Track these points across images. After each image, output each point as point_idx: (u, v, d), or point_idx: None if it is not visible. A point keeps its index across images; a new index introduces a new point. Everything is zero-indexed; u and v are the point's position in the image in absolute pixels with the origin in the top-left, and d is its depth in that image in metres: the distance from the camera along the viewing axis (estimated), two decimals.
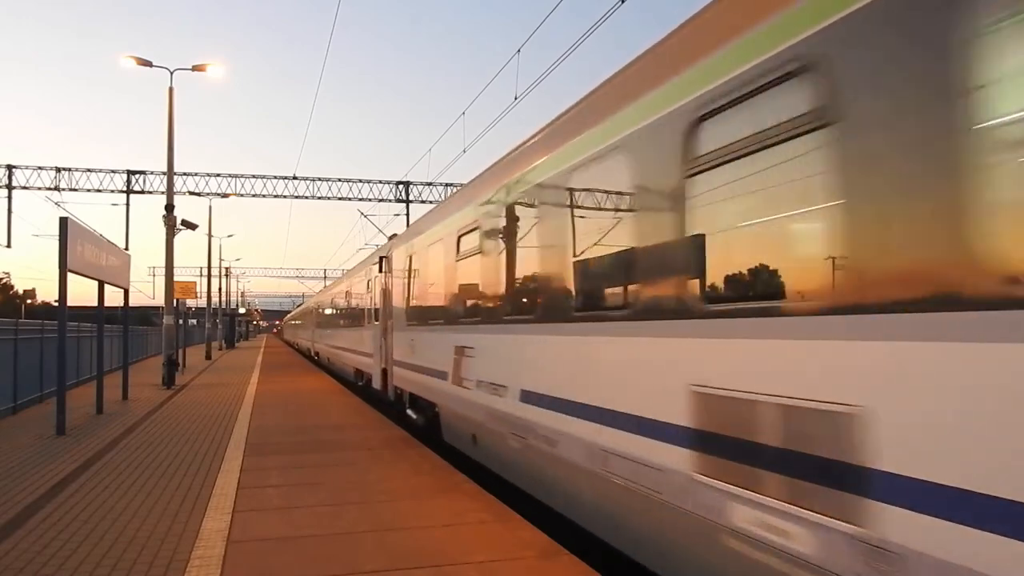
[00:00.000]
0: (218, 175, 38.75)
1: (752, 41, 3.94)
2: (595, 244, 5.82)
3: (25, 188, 36.56)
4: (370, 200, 39.49)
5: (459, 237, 9.52)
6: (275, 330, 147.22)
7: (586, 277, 6.00)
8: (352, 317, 22.36)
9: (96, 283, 14.98)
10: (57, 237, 11.92)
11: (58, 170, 36.86)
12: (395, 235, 17.06)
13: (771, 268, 4.07)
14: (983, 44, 2.73)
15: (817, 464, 3.41)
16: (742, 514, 3.92)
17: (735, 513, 3.98)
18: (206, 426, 12.78)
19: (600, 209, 5.78)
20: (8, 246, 35.72)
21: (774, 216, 3.99)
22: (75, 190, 37.16)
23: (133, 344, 28.06)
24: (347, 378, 22.94)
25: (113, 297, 17.54)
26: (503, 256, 7.82)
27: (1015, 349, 2.57)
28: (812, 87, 3.50)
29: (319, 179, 39.80)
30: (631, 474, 5.06)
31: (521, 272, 7.48)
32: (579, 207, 6.09)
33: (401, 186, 39.95)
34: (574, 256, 6.06)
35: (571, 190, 6.14)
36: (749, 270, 4.25)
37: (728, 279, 4.39)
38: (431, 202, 38.58)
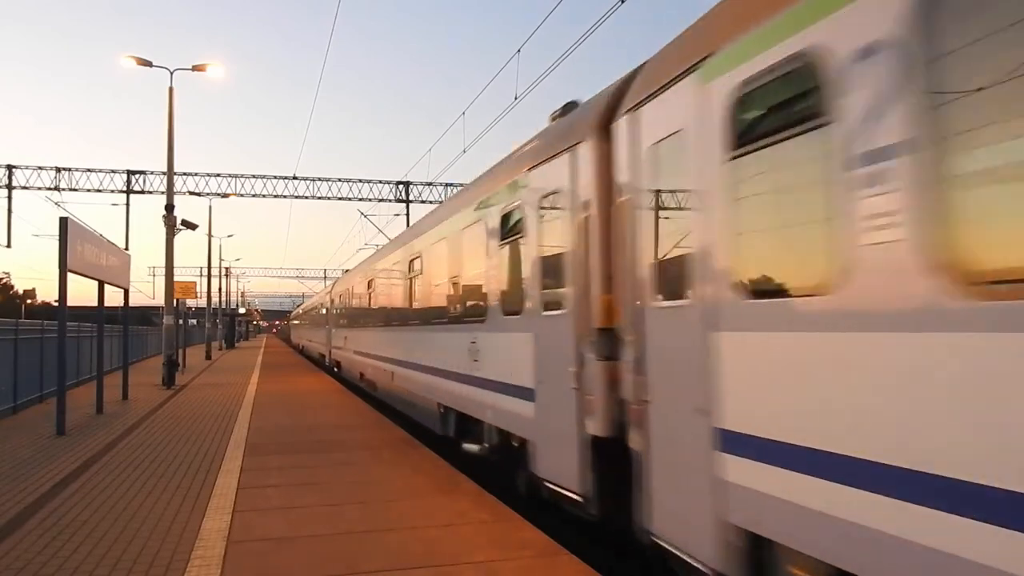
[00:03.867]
0: (218, 175, 38.64)
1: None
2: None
3: (25, 188, 36.44)
4: (370, 200, 39.43)
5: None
6: (275, 330, 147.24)
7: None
8: None
9: (96, 283, 14.99)
10: (57, 237, 11.93)
11: (58, 170, 36.76)
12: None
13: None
14: None
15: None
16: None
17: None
18: (206, 426, 12.79)
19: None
20: (8, 246, 35.62)
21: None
22: (75, 190, 37.02)
23: (133, 344, 28.04)
24: None
25: (113, 297, 17.57)
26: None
27: None
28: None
29: (319, 179, 39.67)
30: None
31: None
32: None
33: (401, 186, 39.88)
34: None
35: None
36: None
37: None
38: (431, 202, 38.49)
